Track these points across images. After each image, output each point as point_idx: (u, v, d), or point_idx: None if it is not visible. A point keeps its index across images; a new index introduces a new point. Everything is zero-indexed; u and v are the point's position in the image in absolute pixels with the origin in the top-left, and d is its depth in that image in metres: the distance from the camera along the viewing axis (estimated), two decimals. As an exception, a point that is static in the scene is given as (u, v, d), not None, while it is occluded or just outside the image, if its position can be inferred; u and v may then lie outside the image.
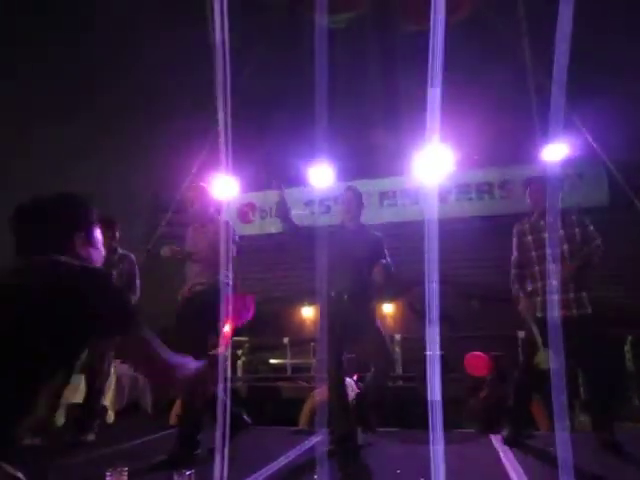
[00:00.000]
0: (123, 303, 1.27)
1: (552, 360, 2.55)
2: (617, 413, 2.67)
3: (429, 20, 2.84)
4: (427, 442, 2.70)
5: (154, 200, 9.96)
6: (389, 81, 10.37)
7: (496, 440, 2.97)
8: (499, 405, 3.37)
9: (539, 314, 2.82)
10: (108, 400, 4.48)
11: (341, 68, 10.27)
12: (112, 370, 4.98)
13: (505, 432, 2.97)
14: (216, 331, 2.52)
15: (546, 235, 2.81)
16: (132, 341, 1.24)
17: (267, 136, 10.75)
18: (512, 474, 2.30)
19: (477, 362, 4.13)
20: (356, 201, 3.22)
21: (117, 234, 3.51)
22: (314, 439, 3.08)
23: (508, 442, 2.87)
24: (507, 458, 2.56)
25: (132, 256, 3.58)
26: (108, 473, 2.04)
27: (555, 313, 2.71)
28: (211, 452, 2.31)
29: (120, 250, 3.53)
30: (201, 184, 3.13)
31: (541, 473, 2.26)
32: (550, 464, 2.38)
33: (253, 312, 2.20)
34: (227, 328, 2.12)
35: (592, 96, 8.65)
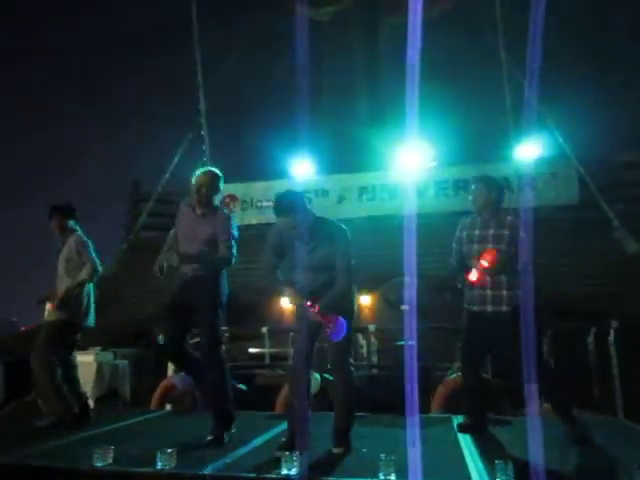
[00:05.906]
0: None
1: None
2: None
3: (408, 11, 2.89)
4: (393, 425, 2.83)
5: (134, 189, 9.86)
6: (372, 77, 10.47)
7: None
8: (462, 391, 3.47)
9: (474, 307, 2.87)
10: (88, 387, 4.53)
11: (324, 63, 10.34)
12: (92, 358, 5.05)
13: (462, 420, 3.06)
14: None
15: (477, 232, 2.88)
16: None
17: (250, 128, 10.77)
18: (467, 455, 2.45)
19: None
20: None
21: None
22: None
23: (461, 430, 2.91)
24: (465, 440, 2.72)
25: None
26: (96, 452, 2.13)
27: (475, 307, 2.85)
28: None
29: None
30: (212, 170, 2.93)
31: (494, 454, 2.35)
32: (510, 447, 2.54)
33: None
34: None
35: (566, 96, 8.90)
